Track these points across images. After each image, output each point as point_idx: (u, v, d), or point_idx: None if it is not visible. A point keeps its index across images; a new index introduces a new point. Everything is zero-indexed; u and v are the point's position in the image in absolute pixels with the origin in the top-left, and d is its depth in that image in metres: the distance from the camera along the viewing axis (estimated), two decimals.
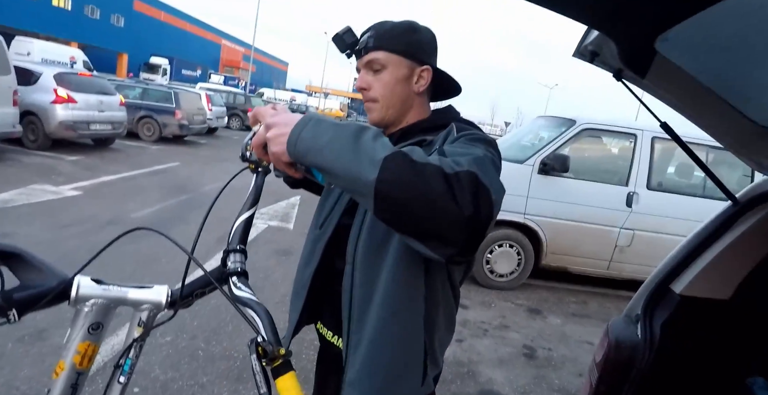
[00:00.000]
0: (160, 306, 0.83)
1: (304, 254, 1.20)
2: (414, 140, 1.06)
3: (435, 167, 0.70)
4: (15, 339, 2.81)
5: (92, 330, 0.79)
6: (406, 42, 1.06)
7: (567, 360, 3.58)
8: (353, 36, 1.08)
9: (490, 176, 0.76)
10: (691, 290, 1.52)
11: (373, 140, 0.74)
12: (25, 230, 4.54)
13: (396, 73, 1.06)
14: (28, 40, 19.12)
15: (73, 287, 0.77)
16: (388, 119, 1.10)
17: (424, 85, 1.10)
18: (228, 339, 3.18)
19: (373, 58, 1.05)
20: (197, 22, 55.18)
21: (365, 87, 1.08)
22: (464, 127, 1.03)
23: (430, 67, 1.09)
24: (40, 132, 8.51)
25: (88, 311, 0.78)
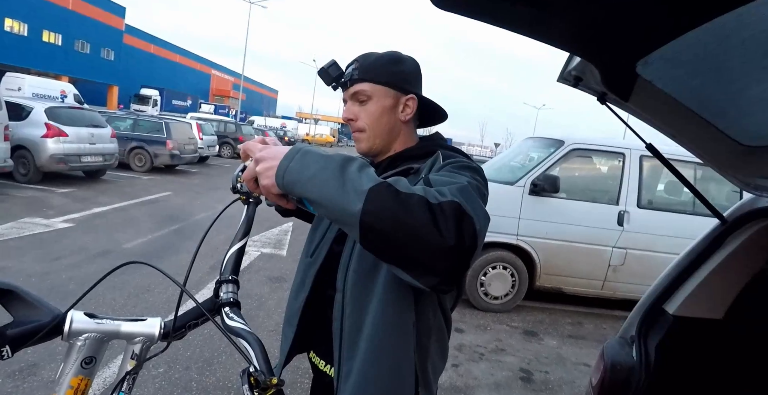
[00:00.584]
0: (153, 339, 0.83)
1: (296, 283, 1.20)
2: (401, 168, 1.07)
3: (419, 198, 0.72)
4: (5, 374, 2.75)
5: (85, 364, 0.79)
6: (390, 73, 1.08)
7: (564, 383, 3.55)
8: (338, 69, 1.10)
9: (475, 204, 0.78)
10: (684, 310, 1.53)
11: (358, 170, 0.76)
12: (16, 264, 4.49)
13: (381, 103, 1.08)
14: (19, 76, 19.29)
15: (66, 323, 0.77)
16: (375, 148, 1.12)
17: (410, 114, 1.12)
18: (221, 369, 3.12)
19: (359, 90, 1.08)
20: (186, 53, 55.92)
21: (352, 118, 1.10)
22: (450, 154, 1.06)
23: (415, 96, 1.11)
24: (31, 166, 8.49)
25: (81, 345, 0.78)
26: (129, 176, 11.24)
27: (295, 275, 1.22)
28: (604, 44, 1.17)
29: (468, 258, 0.72)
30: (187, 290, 0.83)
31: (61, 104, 11.13)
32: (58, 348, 3.00)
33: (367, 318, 0.99)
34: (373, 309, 0.98)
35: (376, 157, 1.15)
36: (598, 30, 1.10)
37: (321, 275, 1.12)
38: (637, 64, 1.22)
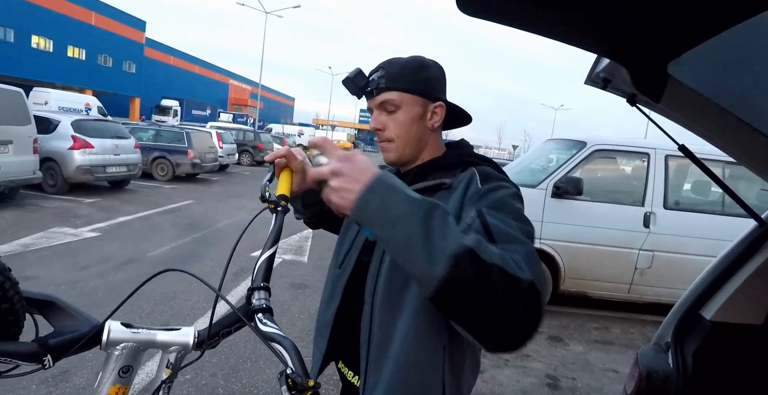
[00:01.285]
0: (187, 347, 0.84)
1: (326, 294, 1.18)
2: (432, 182, 1.04)
3: (500, 271, 0.69)
4: (39, 380, 2.81)
5: (123, 373, 0.80)
6: (417, 80, 1.06)
7: (592, 390, 3.48)
8: (364, 78, 1.06)
9: (541, 275, 0.75)
10: (722, 315, 1.48)
11: (442, 224, 0.71)
12: (46, 273, 4.59)
13: (410, 112, 1.06)
14: (45, 91, 19.80)
15: (104, 332, 0.78)
16: (404, 158, 1.09)
17: (438, 121, 1.09)
18: (247, 376, 3.14)
19: (387, 99, 1.05)
20: (205, 64, 56.86)
21: (380, 128, 1.07)
22: (486, 173, 1.00)
23: (443, 104, 1.09)
24: (59, 177, 8.70)
25: (118, 354, 0.79)
26: (152, 186, 11.43)
27: (325, 285, 1.21)
28: (635, 45, 1.15)
29: (533, 334, 0.73)
30: (223, 295, 0.83)
31: (86, 116, 11.40)
32: (88, 354, 3.04)
33: (395, 335, 0.97)
34: (403, 326, 0.96)
35: (404, 166, 1.13)
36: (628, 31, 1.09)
37: (350, 286, 1.10)
38: (668, 65, 1.20)
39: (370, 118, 1.13)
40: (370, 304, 1.02)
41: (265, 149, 20.64)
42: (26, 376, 2.61)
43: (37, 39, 29.88)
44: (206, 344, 0.86)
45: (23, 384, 2.76)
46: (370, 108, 1.10)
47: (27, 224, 6.40)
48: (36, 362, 0.72)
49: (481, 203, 0.91)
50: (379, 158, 1.22)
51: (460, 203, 0.95)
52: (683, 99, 1.32)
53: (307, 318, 4.21)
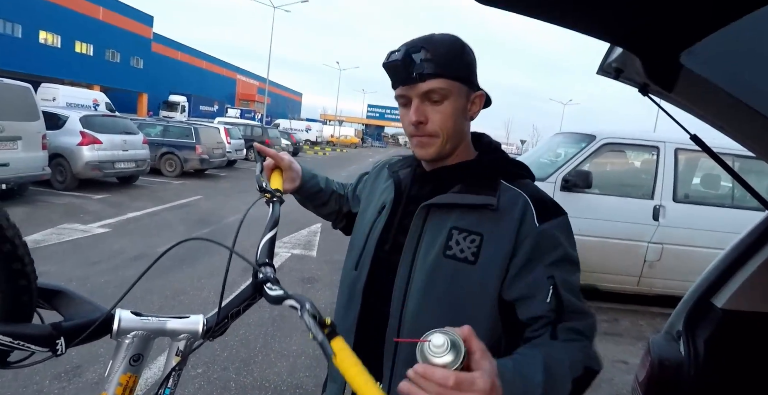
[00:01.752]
0: (197, 335, 0.84)
1: (343, 297, 1.10)
2: (477, 201, 0.92)
3: (592, 373, 0.82)
4: (52, 375, 2.84)
5: (133, 361, 0.80)
6: (463, 65, 0.93)
7: (602, 381, 3.48)
8: (412, 62, 0.89)
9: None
10: (734, 304, 1.48)
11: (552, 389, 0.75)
12: (57, 268, 4.64)
13: (457, 103, 0.93)
14: (53, 87, 19.95)
15: (115, 321, 0.78)
16: (443, 154, 0.97)
17: (477, 113, 0.98)
18: (258, 370, 3.17)
19: (434, 88, 0.89)
20: (212, 59, 56.95)
21: (423, 121, 0.92)
22: (540, 205, 0.91)
23: (483, 93, 0.98)
24: (68, 173, 8.77)
25: (129, 343, 0.79)
26: (160, 181, 11.50)
27: (340, 286, 1.13)
28: (648, 35, 1.14)
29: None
30: (237, 252, 0.82)
31: (94, 112, 11.47)
32: (100, 350, 3.09)
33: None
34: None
35: (443, 160, 1.00)
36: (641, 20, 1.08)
37: (369, 287, 1.02)
38: (681, 54, 1.19)
39: (400, 109, 0.97)
40: (398, 319, 0.94)
41: (273, 144, 20.67)
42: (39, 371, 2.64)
43: (45, 35, 30.05)
44: (215, 328, 0.86)
45: (36, 379, 2.79)
46: (403, 96, 0.94)
47: (37, 220, 6.46)
48: (48, 347, 0.72)
49: (546, 257, 0.87)
50: (386, 154, 1.20)
51: (515, 236, 0.88)
52: (696, 89, 1.31)
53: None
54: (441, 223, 0.93)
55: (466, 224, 0.91)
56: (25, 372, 2.84)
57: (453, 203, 0.93)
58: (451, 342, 0.58)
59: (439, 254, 0.91)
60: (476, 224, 0.91)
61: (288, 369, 3.22)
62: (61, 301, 0.81)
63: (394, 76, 0.93)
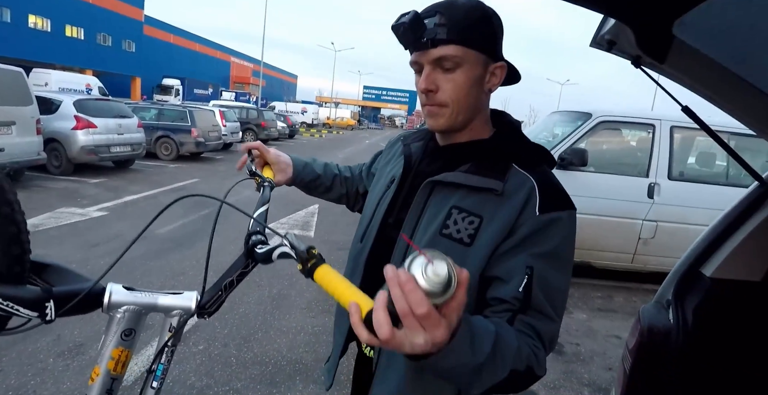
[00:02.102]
0: (189, 311, 0.84)
1: (347, 270, 1.11)
2: (481, 184, 0.88)
3: (526, 372, 0.76)
4: (56, 353, 2.89)
5: (125, 336, 0.80)
6: (483, 33, 0.88)
7: (595, 355, 3.56)
8: (422, 26, 0.85)
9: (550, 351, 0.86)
10: (722, 273, 1.51)
11: (493, 368, 0.71)
12: (57, 252, 4.66)
13: (472, 72, 0.88)
14: (45, 72, 19.70)
15: (106, 294, 0.78)
16: (456, 126, 0.94)
17: (497, 85, 0.94)
18: (259, 345, 3.22)
19: (447, 55, 0.86)
20: (206, 41, 56.25)
21: (433, 89, 0.89)
22: (547, 194, 0.88)
23: (505, 64, 0.93)
24: (63, 158, 8.73)
25: (120, 317, 0.79)
26: (157, 165, 11.47)
27: (348, 260, 1.14)
28: (640, 5, 1.14)
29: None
30: (229, 202, 0.86)
31: (88, 96, 11.37)
32: (102, 328, 3.12)
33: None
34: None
35: (455, 133, 0.97)
36: None
37: (372, 260, 1.03)
38: (673, 25, 1.19)
39: (415, 76, 0.93)
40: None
41: (268, 127, 20.57)
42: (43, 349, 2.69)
43: (34, 18, 29.57)
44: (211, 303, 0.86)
45: (40, 357, 2.84)
46: (418, 62, 0.91)
47: (34, 205, 6.46)
48: (37, 311, 0.71)
49: (535, 246, 0.84)
50: (382, 136, 1.21)
51: (513, 221, 0.85)
52: (688, 60, 1.32)
53: (315, 289, 4.28)
54: (444, 201, 0.91)
55: (467, 205, 0.89)
56: (29, 350, 2.89)
57: (458, 182, 0.90)
58: (448, 279, 0.54)
59: (436, 233, 0.90)
60: (478, 206, 0.88)
61: (287, 345, 3.27)
62: (53, 275, 0.81)
63: (401, 40, 0.89)
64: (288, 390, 2.75)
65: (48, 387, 2.58)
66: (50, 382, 2.62)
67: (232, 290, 0.89)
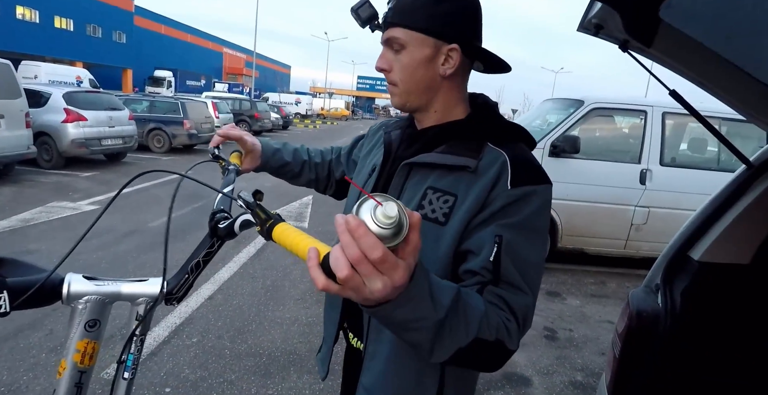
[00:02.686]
0: (155, 298, 0.82)
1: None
2: (454, 162, 0.89)
3: (494, 344, 0.74)
4: (48, 349, 2.89)
5: (89, 327, 0.78)
6: (429, 15, 0.89)
7: (588, 340, 3.58)
8: (370, 8, 0.93)
9: (527, 327, 0.83)
10: (710, 256, 1.52)
11: (456, 324, 0.69)
12: (48, 246, 4.64)
13: (416, 54, 0.90)
14: (34, 64, 19.44)
15: (64, 285, 0.76)
16: (410, 105, 0.97)
17: (452, 68, 0.92)
18: (252, 337, 3.23)
19: (391, 37, 0.91)
20: (198, 32, 55.63)
21: (386, 68, 0.94)
22: (519, 168, 0.87)
23: (457, 46, 0.91)
24: (54, 151, 8.66)
25: (82, 308, 0.77)
26: (149, 158, 11.40)
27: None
28: None
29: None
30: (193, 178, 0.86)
31: (78, 88, 11.25)
32: None
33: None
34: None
35: (418, 114, 1.00)
36: None
37: None
38: (660, 8, 1.18)
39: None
40: None
41: (262, 118, 20.46)
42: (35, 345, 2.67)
43: (22, 10, 29.10)
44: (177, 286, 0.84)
45: (33, 353, 2.83)
46: (383, 42, 0.97)
47: (25, 199, 6.42)
48: None
49: (505, 218, 0.83)
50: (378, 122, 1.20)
51: (485, 196, 0.85)
52: (675, 43, 1.30)
53: (309, 280, 4.29)
54: (420, 183, 0.92)
55: (442, 185, 0.89)
56: (21, 345, 2.88)
57: (433, 162, 0.90)
58: (399, 221, 0.50)
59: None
60: (453, 185, 0.88)
61: (282, 336, 3.28)
62: (8, 268, 0.77)
63: (359, 24, 0.95)
64: (282, 381, 2.75)
65: (41, 383, 2.57)
66: (43, 377, 2.61)
67: (200, 273, 0.87)
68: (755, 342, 1.60)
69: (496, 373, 3.01)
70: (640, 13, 1.22)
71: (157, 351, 2.96)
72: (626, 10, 1.21)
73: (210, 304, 3.67)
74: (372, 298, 0.55)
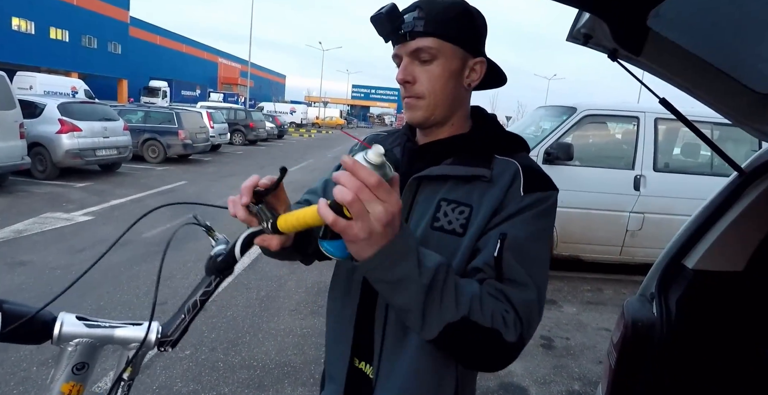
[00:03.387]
0: (149, 344, 0.78)
1: (338, 290, 1.03)
2: (470, 173, 0.89)
3: (490, 333, 0.74)
4: (39, 362, 2.85)
5: (77, 370, 0.75)
6: (462, 28, 0.89)
7: (585, 348, 3.56)
8: (399, 17, 0.87)
9: (532, 326, 0.80)
10: (704, 264, 1.51)
11: (443, 293, 0.71)
12: (41, 257, 4.60)
13: (449, 65, 0.89)
14: (29, 75, 19.47)
15: (56, 325, 0.73)
16: (433, 119, 0.93)
17: (477, 81, 0.94)
18: (246, 349, 3.19)
19: (423, 46, 0.87)
20: (193, 42, 55.82)
21: (410, 80, 0.90)
22: (531, 176, 0.89)
23: (484, 60, 0.93)
24: (48, 162, 8.62)
25: (72, 351, 0.74)
26: (144, 168, 11.36)
27: (335, 278, 1.06)
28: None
29: (508, 364, 0.80)
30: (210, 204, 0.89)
31: (72, 99, 11.24)
32: None
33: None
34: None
35: (428, 130, 0.97)
36: None
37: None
38: (648, 17, 1.18)
39: (397, 67, 0.93)
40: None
41: (257, 128, 20.45)
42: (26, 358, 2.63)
43: (17, 21, 29.13)
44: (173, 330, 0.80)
45: (23, 366, 2.79)
46: (398, 55, 0.92)
47: (18, 210, 6.37)
48: None
49: (514, 221, 0.84)
50: (372, 133, 1.14)
51: (498, 204, 0.86)
52: (664, 51, 1.31)
53: (304, 291, 4.26)
54: (431, 195, 0.91)
55: (456, 196, 0.89)
56: (11, 359, 2.84)
57: (445, 174, 0.90)
58: (384, 161, 0.62)
59: (427, 227, 0.89)
60: (467, 196, 0.88)
61: (276, 347, 3.24)
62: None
63: (379, 31, 0.90)
64: (276, 393, 2.72)
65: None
66: (33, 391, 2.57)
67: (197, 313, 0.84)
68: (751, 349, 1.59)
69: (493, 383, 2.99)
70: (629, 22, 1.23)
71: (149, 364, 2.93)
72: (614, 19, 1.22)
73: (203, 316, 3.64)
74: (374, 229, 0.62)
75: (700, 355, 1.54)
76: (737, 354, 1.57)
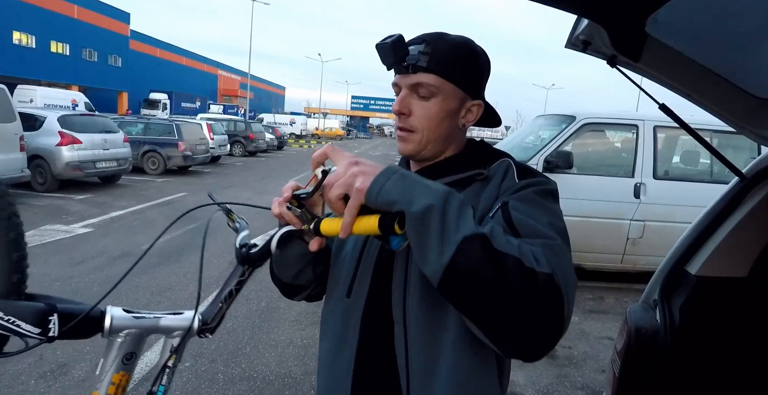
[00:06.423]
0: (192, 331, 0.83)
1: (333, 334, 0.96)
2: (467, 173, 0.91)
3: (515, 261, 0.64)
4: (38, 375, 2.82)
5: (126, 360, 0.79)
6: (465, 70, 0.90)
7: (588, 357, 3.53)
8: (404, 48, 0.87)
9: (568, 277, 0.70)
10: (707, 270, 1.50)
11: (457, 212, 0.67)
12: (41, 269, 4.57)
13: (446, 104, 0.89)
14: (30, 88, 19.58)
15: (107, 318, 0.76)
16: (424, 154, 0.93)
17: (472, 122, 0.95)
18: (246, 361, 3.16)
19: (424, 82, 0.87)
20: (193, 55, 56.17)
21: (405, 112, 0.89)
22: (525, 168, 0.91)
23: (482, 103, 0.94)
24: (48, 174, 8.63)
25: (122, 342, 0.78)
26: (143, 180, 11.37)
27: (325, 323, 1.00)
28: (612, 4, 1.14)
29: (557, 335, 0.68)
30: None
31: (72, 112, 11.28)
32: (86, 347, 3.06)
33: (444, 350, 0.83)
34: (449, 338, 0.82)
35: (421, 162, 0.97)
36: None
37: (367, 316, 0.91)
38: (646, 23, 1.19)
39: (396, 97, 0.93)
40: (402, 324, 0.86)
41: (257, 139, 20.50)
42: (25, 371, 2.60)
43: (18, 35, 29.33)
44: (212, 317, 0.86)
45: (22, 379, 2.76)
46: (397, 85, 0.91)
47: None
48: (41, 327, 0.68)
49: (514, 196, 0.82)
50: (371, 145, 1.11)
51: (496, 194, 0.86)
52: (662, 57, 1.31)
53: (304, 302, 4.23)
54: None
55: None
56: (9, 372, 2.81)
57: (444, 182, 0.87)
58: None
59: None
60: (467, 199, 0.83)
61: (276, 359, 3.22)
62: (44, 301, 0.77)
63: (383, 59, 0.89)
64: None
65: None
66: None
67: (233, 302, 0.89)
68: (756, 355, 1.57)
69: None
70: (627, 28, 1.23)
71: (148, 376, 2.89)
72: (613, 26, 1.22)
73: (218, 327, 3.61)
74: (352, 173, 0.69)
75: (704, 362, 1.52)
76: (742, 360, 1.56)
